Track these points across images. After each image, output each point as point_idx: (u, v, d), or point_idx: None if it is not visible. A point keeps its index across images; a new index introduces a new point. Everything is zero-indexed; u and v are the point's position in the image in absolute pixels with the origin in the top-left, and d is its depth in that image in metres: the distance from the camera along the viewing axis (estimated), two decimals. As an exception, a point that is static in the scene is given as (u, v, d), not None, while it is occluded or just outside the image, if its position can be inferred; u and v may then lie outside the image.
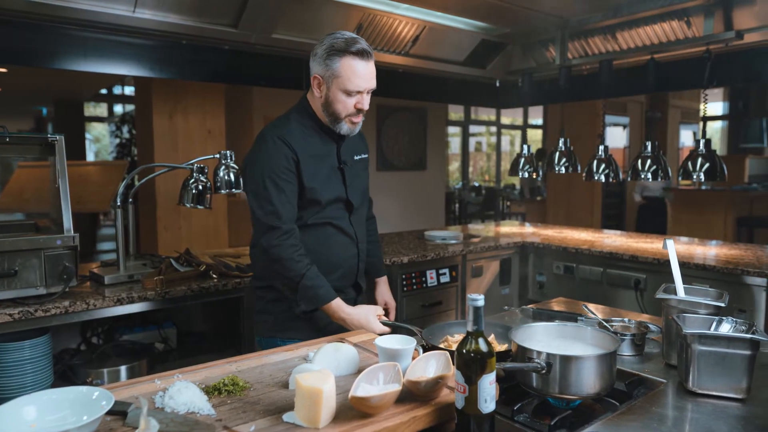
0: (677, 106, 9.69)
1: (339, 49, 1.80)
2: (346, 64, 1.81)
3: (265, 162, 1.87)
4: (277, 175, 1.85)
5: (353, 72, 1.81)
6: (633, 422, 1.25)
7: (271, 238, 1.84)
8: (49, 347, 2.15)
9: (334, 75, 1.83)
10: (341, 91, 1.84)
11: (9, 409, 1.04)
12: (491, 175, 13.89)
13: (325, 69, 1.84)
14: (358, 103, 1.86)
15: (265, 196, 1.85)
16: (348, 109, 1.87)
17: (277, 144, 1.87)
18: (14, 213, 4.53)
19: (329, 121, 1.91)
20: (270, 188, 1.85)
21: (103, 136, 12.63)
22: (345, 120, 1.89)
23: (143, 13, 2.85)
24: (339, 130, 1.92)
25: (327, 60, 1.82)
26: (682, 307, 1.58)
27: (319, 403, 1.09)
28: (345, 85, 1.82)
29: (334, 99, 1.86)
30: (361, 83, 1.83)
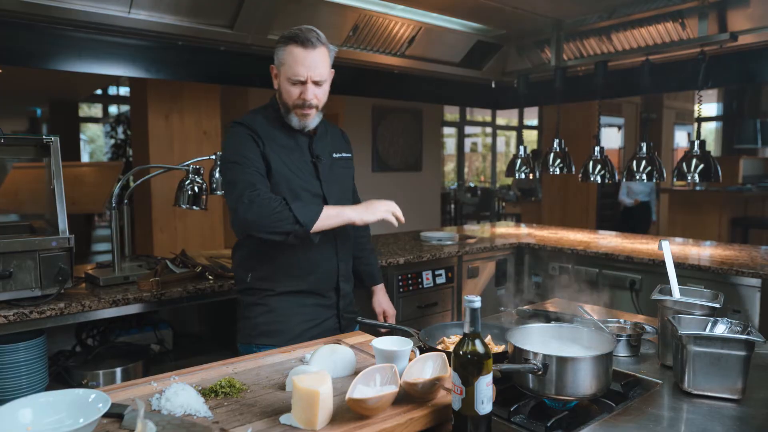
0: (672, 107, 9.74)
1: (286, 37, 1.84)
2: (288, 51, 1.82)
3: (229, 145, 1.87)
4: (242, 155, 1.82)
5: (294, 59, 1.81)
6: (629, 423, 1.25)
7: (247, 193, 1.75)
8: (44, 349, 2.14)
9: (281, 63, 1.85)
10: (286, 80, 1.84)
11: (5, 412, 1.04)
12: (486, 176, 13.91)
13: (276, 58, 1.87)
14: (302, 92, 1.84)
15: (234, 169, 1.82)
16: (293, 99, 1.85)
17: (237, 129, 1.88)
18: (9, 214, 4.52)
19: (283, 113, 1.91)
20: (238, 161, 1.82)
21: (97, 137, 12.59)
22: (293, 111, 1.88)
23: (138, 14, 2.85)
24: (290, 122, 1.90)
25: (277, 49, 1.86)
26: (678, 308, 1.59)
27: (316, 404, 1.09)
28: (287, 72, 1.83)
29: (283, 89, 1.87)
30: (300, 71, 1.81)
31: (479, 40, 4.01)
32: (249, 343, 1.92)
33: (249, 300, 1.95)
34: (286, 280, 1.91)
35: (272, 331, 1.89)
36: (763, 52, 3.43)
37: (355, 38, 3.52)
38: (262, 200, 1.72)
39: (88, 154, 12.33)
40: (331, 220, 1.79)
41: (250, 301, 1.94)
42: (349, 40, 3.53)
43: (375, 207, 1.85)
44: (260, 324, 1.91)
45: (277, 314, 1.90)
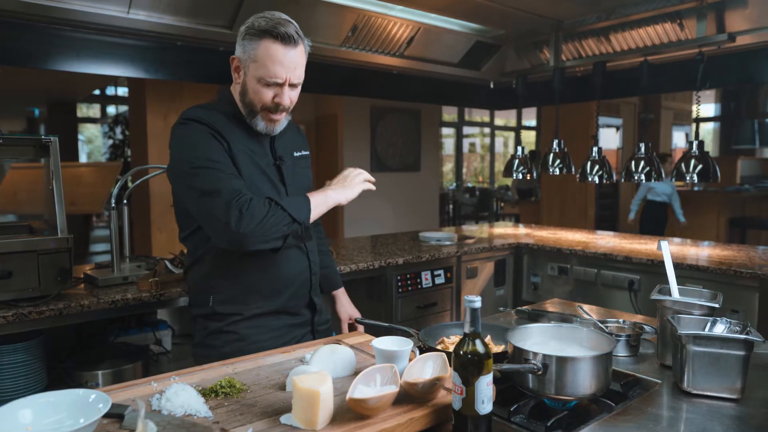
0: (670, 108, 9.76)
1: (260, 29, 1.55)
2: (264, 47, 1.55)
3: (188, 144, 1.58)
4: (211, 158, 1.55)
5: (271, 58, 1.55)
6: (629, 423, 1.25)
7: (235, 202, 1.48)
8: (43, 349, 2.14)
9: (251, 59, 1.57)
10: (257, 79, 1.58)
11: (5, 412, 1.04)
12: (485, 176, 13.92)
13: (244, 50, 1.58)
14: (277, 96, 1.60)
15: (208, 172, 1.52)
16: (263, 102, 1.61)
17: (196, 127, 1.59)
18: (7, 214, 4.51)
19: (245, 114, 1.65)
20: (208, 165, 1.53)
21: (95, 137, 12.58)
22: (260, 114, 1.63)
23: (138, 14, 2.85)
24: (254, 126, 1.65)
25: (244, 40, 1.57)
26: (677, 308, 1.59)
27: (317, 404, 1.09)
28: (259, 71, 1.57)
29: (250, 88, 1.61)
30: (279, 71, 1.56)
31: (478, 40, 4.02)
32: None
33: (214, 326, 1.69)
34: (255, 302, 1.68)
35: None
36: (761, 53, 3.44)
37: (354, 38, 3.53)
38: (253, 208, 1.48)
39: (86, 154, 12.32)
40: (321, 207, 1.60)
41: (216, 328, 1.68)
42: (348, 41, 3.53)
43: (352, 181, 1.66)
44: (228, 354, 1.62)
45: (247, 342, 1.66)
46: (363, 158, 7.09)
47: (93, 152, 12.65)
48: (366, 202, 6.97)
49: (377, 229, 6.72)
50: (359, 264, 2.96)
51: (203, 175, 1.52)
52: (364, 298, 3.24)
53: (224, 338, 1.68)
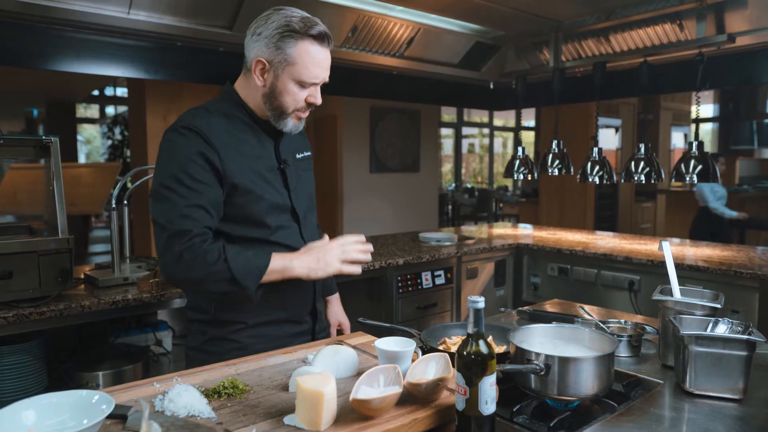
0: (669, 109, 9.77)
1: (296, 31, 1.50)
2: (304, 49, 1.51)
3: (171, 159, 1.50)
4: (187, 174, 1.46)
5: (312, 59, 1.52)
6: (631, 423, 1.25)
7: (178, 243, 1.43)
8: (44, 350, 2.14)
9: (288, 61, 1.51)
10: (294, 81, 1.54)
11: (7, 413, 1.04)
12: (484, 176, 13.93)
13: (276, 53, 1.51)
14: (311, 96, 1.57)
15: (169, 199, 1.46)
16: (298, 103, 1.57)
17: (187, 136, 1.50)
18: (7, 215, 4.50)
19: (272, 116, 1.59)
20: (177, 189, 1.46)
21: (94, 138, 12.57)
22: (292, 115, 1.59)
23: (138, 15, 2.84)
24: (282, 127, 1.60)
25: (280, 42, 1.50)
26: (679, 309, 1.59)
27: (321, 405, 1.09)
28: (300, 74, 1.52)
29: (284, 90, 1.55)
30: (319, 73, 1.55)
31: (478, 41, 4.02)
32: None
33: (213, 333, 1.63)
34: (260, 310, 1.62)
35: None
36: (761, 54, 3.45)
37: (354, 39, 3.53)
38: (196, 256, 1.42)
39: (84, 155, 12.31)
40: (274, 276, 1.51)
41: (216, 335, 1.63)
42: (348, 41, 3.53)
43: (327, 259, 1.52)
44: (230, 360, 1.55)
45: (248, 351, 1.59)
46: (362, 159, 7.08)
47: (92, 153, 12.64)
48: (365, 203, 6.97)
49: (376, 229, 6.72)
50: (360, 264, 2.95)
51: (165, 196, 1.47)
52: (365, 298, 3.24)
53: (225, 346, 1.62)
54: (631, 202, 8.93)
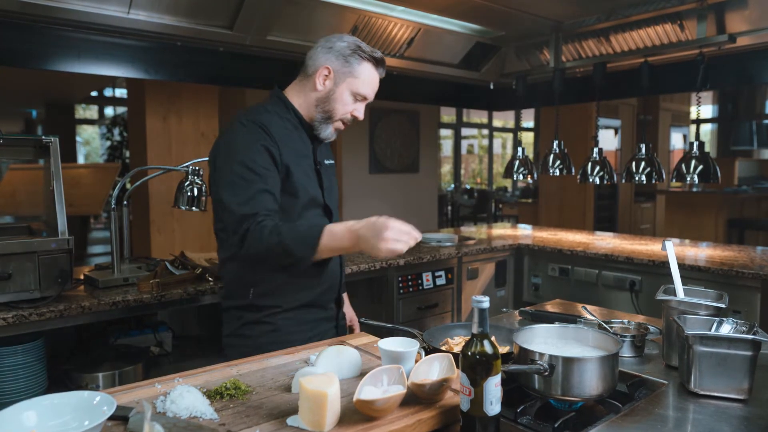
0: (668, 109, 9.78)
1: (365, 52, 1.77)
2: (368, 68, 1.78)
3: (238, 148, 1.65)
4: (255, 162, 1.62)
5: (371, 78, 1.79)
6: (636, 423, 1.25)
7: (245, 224, 1.55)
8: (43, 351, 2.13)
9: (351, 74, 1.76)
10: (350, 92, 1.77)
11: (9, 414, 1.03)
12: (483, 177, 13.93)
13: (344, 64, 1.75)
14: (356, 110, 1.81)
15: (238, 184, 1.60)
16: (345, 112, 1.79)
17: (251, 129, 1.67)
18: (6, 216, 4.49)
19: (319, 119, 1.79)
20: (245, 175, 1.61)
21: (93, 139, 12.56)
22: (336, 123, 1.80)
23: (138, 15, 2.84)
24: (322, 132, 1.80)
25: (351, 57, 1.75)
26: (683, 308, 1.59)
27: (324, 406, 1.08)
28: (358, 87, 1.77)
29: (339, 97, 1.77)
30: (369, 91, 1.81)
31: (478, 41, 4.02)
32: None
33: (250, 317, 1.77)
34: (293, 295, 1.77)
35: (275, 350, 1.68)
36: (761, 54, 3.44)
37: (354, 39, 3.52)
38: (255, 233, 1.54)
39: (83, 156, 12.29)
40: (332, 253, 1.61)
41: (252, 319, 1.77)
42: (349, 42, 3.52)
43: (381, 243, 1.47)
44: (264, 344, 1.71)
45: (281, 333, 1.76)
46: (362, 160, 7.07)
47: (90, 154, 12.63)
48: (365, 204, 6.96)
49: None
50: (360, 265, 2.95)
51: (232, 186, 1.61)
52: (365, 299, 3.23)
53: (260, 329, 1.76)
54: (630, 203, 8.93)
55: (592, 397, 1.32)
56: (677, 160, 3.39)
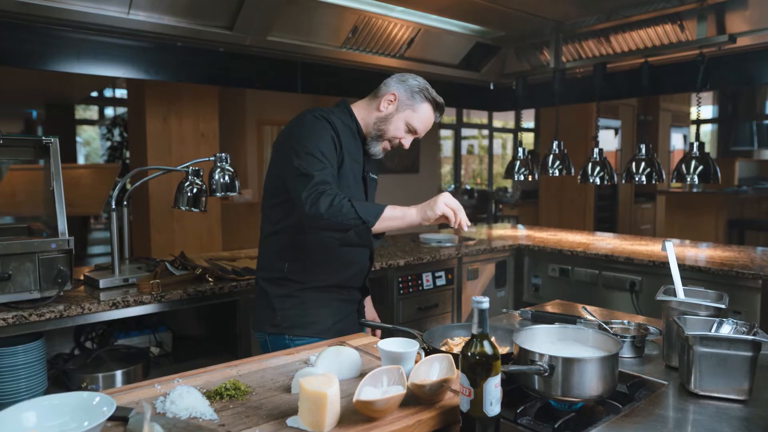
0: (668, 110, 9.77)
1: (430, 95, 1.97)
2: (427, 108, 1.97)
3: (310, 137, 1.83)
4: (322, 151, 1.81)
5: (427, 118, 1.98)
6: (636, 424, 1.24)
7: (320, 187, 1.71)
8: (43, 352, 2.12)
9: (412, 107, 1.95)
10: (405, 122, 1.96)
11: (9, 414, 1.03)
12: (483, 178, 13.93)
13: (409, 97, 1.96)
14: (404, 139, 1.99)
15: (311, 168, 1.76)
16: (395, 136, 1.98)
17: (321, 123, 1.87)
18: (6, 216, 4.49)
19: (373, 135, 1.99)
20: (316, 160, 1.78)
21: (93, 139, 12.56)
22: (384, 142, 1.99)
23: (138, 15, 2.84)
24: (371, 147, 2.00)
25: (417, 94, 1.96)
26: (683, 309, 1.58)
27: (324, 407, 1.08)
28: (413, 120, 1.96)
29: (394, 122, 1.96)
30: (421, 127, 1.98)
31: (478, 42, 4.02)
32: (280, 334, 1.93)
33: (280, 291, 1.94)
34: (320, 275, 1.94)
35: (305, 323, 1.92)
36: (762, 54, 3.44)
37: (354, 40, 3.52)
38: (328, 197, 1.69)
39: (83, 156, 12.29)
40: (395, 222, 1.76)
41: (282, 293, 1.94)
42: (348, 42, 3.52)
43: (437, 200, 1.73)
44: (292, 316, 1.93)
45: (308, 307, 1.93)
46: (362, 160, 7.09)
47: (90, 154, 12.63)
48: (365, 204, 6.94)
49: (376, 230, 6.68)
50: (360, 265, 2.95)
51: (309, 161, 1.77)
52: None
53: (290, 302, 1.93)
54: (630, 204, 8.92)
55: (592, 398, 1.32)
56: (677, 160, 3.39)
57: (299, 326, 1.92)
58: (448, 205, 1.71)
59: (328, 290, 1.96)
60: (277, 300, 1.95)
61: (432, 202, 1.73)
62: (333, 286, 1.97)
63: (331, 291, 1.97)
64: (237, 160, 7.38)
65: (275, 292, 1.95)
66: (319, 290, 1.95)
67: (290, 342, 1.90)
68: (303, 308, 1.93)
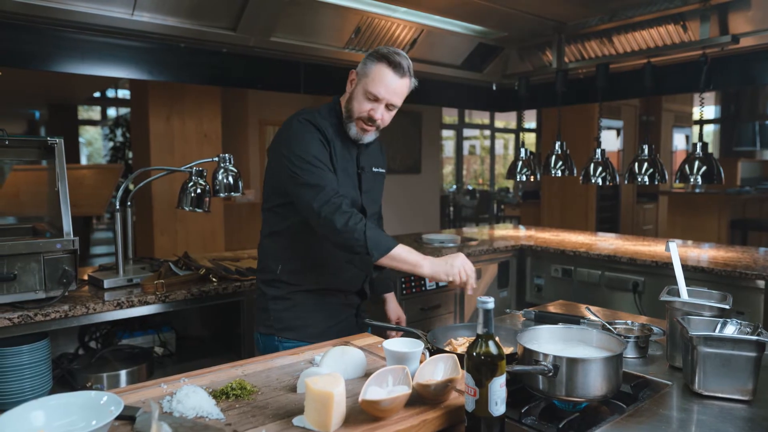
0: (670, 110, 9.76)
1: (380, 54, 1.85)
2: (379, 67, 1.84)
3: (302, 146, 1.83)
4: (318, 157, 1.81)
5: (381, 77, 1.84)
6: (640, 424, 1.25)
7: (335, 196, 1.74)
8: (48, 352, 2.13)
9: (365, 74, 1.86)
10: (363, 91, 1.86)
11: (17, 414, 1.03)
12: (485, 178, 13.93)
13: (363, 66, 1.88)
14: (373, 110, 1.87)
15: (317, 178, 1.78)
16: (361, 111, 1.87)
17: (308, 128, 1.86)
18: (9, 216, 4.50)
19: (345, 118, 1.92)
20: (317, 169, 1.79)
21: (95, 140, 12.58)
22: (355, 121, 1.90)
23: (141, 16, 2.84)
24: (349, 131, 1.92)
25: (368, 59, 1.87)
26: (687, 309, 1.59)
27: (330, 406, 1.09)
28: (369, 85, 1.84)
29: (355, 97, 1.88)
30: (381, 91, 1.84)
31: (480, 42, 4.02)
32: (271, 335, 1.93)
33: (274, 292, 1.94)
34: (315, 277, 1.93)
35: (296, 326, 1.91)
36: (765, 55, 3.44)
37: (357, 40, 3.53)
38: (343, 213, 1.70)
39: (85, 156, 12.31)
40: (402, 266, 1.73)
41: (276, 294, 1.93)
42: (351, 43, 3.53)
43: (453, 263, 1.72)
44: (284, 318, 1.92)
45: (301, 310, 1.92)
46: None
47: (93, 154, 12.64)
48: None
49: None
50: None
51: (308, 170, 1.78)
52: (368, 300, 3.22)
53: (282, 303, 1.93)
54: (632, 204, 8.91)
55: (596, 398, 1.32)
56: (680, 160, 3.39)
57: (289, 329, 1.92)
58: (464, 270, 1.70)
59: (323, 293, 1.94)
60: (271, 301, 1.95)
61: (448, 265, 1.71)
62: (328, 290, 1.95)
63: (326, 294, 1.95)
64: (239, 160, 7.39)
65: (270, 293, 1.95)
66: (313, 293, 1.93)
67: (279, 344, 1.90)
68: (295, 310, 1.92)
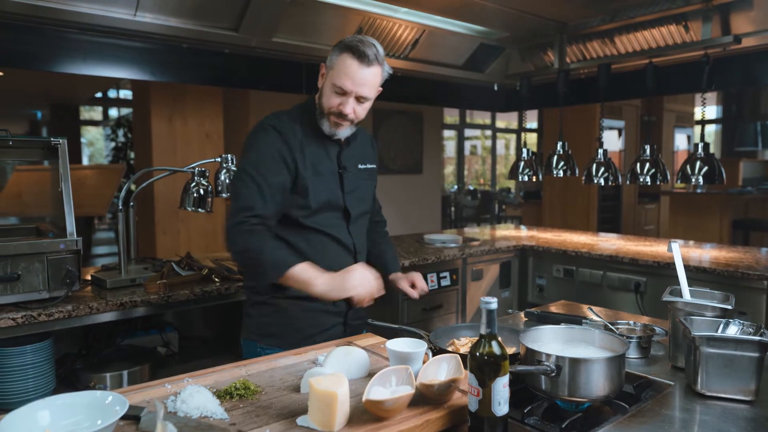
0: (672, 110, 9.76)
1: (344, 44, 1.75)
2: (342, 59, 1.74)
3: (253, 150, 1.77)
4: (259, 169, 1.73)
5: (344, 69, 1.73)
6: (643, 425, 1.25)
7: (241, 215, 1.68)
8: (51, 352, 2.14)
9: (331, 66, 1.77)
10: (330, 85, 1.77)
11: (23, 413, 1.04)
12: (486, 178, 13.93)
13: (329, 61, 1.79)
14: (342, 104, 1.76)
15: (246, 181, 1.73)
16: (330, 106, 1.78)
17: (268, 135, 1.77)
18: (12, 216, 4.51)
19: (317, 114, 1.83)
20: (253, 176, 1.72)
21: (97, 140, 12.59)
22: (327, 117, 1.80)
23: (144, 17, 2.85)
24: (322, 126, 1.83)
25: (332, 52, 1.78)
26: (689, 310, 1.59)
27: (334, 406, 1.09)
28: (333, 78, 1.75)
29: (324, 92, 1.80)
30: (347, 83, 1.73)
31: (482, 42, 4.02)
32: (252, 340, 1.88)
33: (256, 298, 1.88)
34: None
35: (278, 333, 1.84)
36: (766, 55, 3.44)
37: (359, 41, 3.53)
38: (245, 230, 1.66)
39: (87, 157, 12.32)
40: (296, 284, 1.69)
41: (258, 300, 1.88)
42: (353, 43, 3.53)
43: (345, 285, 1.67)
44: (266, 324, 1.86)
45: (283, 316, 1.84)
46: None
47: (94, 155, 12.66)
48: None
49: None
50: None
51: (245, 183, 1.73)
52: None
53: (264, 309, 1.87)
54: (634, 204, 8.91)
55: (598, 398, 1.32)
56: (681, 160, 3.39)
57: (272, 335, 1.85)
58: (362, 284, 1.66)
59: (307, 299, 1.78)
60: (254, 306, 1.90)
61: (342, 283, 1.66)
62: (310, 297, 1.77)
63: (308, 301, 1.79)
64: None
65: (252, 299, 1.91)
66: (296, 299, 1.81)
67: (261, 350, 1.81)
68: (276, 317, 1.85)
